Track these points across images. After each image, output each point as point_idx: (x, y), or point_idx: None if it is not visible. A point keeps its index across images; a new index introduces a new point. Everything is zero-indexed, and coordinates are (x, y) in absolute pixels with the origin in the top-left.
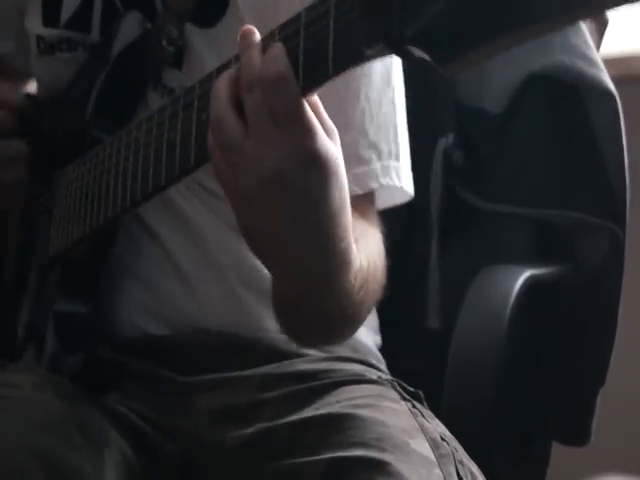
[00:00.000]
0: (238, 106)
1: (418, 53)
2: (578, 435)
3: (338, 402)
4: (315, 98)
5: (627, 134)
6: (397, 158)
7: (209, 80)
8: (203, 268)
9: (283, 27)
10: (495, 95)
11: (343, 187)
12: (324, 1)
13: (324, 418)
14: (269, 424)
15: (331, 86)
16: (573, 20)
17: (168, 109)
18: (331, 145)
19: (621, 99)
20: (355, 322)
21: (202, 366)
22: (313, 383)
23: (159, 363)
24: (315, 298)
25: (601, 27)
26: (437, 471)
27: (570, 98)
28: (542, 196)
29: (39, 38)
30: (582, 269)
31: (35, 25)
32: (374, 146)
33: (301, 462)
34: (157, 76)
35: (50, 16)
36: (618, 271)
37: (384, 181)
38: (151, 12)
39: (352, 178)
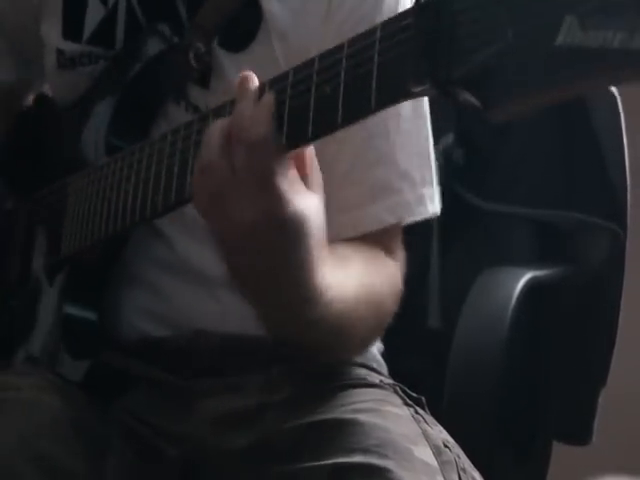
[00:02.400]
0: (230, 155)
1: (464, 96)
2: (580, 435)
3: (340, 406)
4: (308, 149)
5: (627, 134)
6: (431, 184)
7: (206, 119)
8: (208, 270)
9: (276, 80)
10: None
11: (313, 243)
12: (370, 33)
13: (326, 423)
14: (271, 428)
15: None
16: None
17: (181, 131)
18: (306, 207)
19: (621, 99)
20: (345, 344)
21: (204, 369)
22: (315, 387)
23: (161, 366)
24: (286, 326)
25: None
26: (440, 478)
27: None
28: (543, 196)
29: (59, 52)
30: (583, 270)
31: (53, 36)
32: (405, 176)
33: (303, 467)
34: (181, 91)
35: (72, 29)
36: (619, 271)
37: (418, 211)
38: (178, 27)
39: (385, 209)
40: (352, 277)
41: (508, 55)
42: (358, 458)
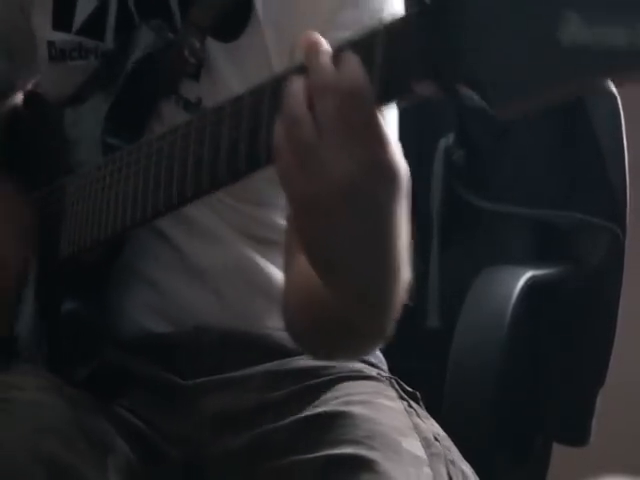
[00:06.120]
0: (317, 108)
1: (469, 94)
2: (578, 435)
3: (334, 399)
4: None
5: (627, 134)
6: None
7: (240, 100)
8: (209, 267)
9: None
10: None
11: (406, 202)
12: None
13: (319, 417)
14: (270, 426)
15: None
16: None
17: (194, 123)
18: (401, 158)
19: (621, 99)
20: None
21: (204, 365)
22: (313, 381)
23: (161, 362)
24: (363, 310)
25: None
26: (427, 470)
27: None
28: (543, 196)
29: (50, 44)
30: (582, 269)
31: (44, 28)
32: None
33: (297, 461)
34: (175, 87)
35: (62, 19)
36: (618, 271)
37: None
38: (170, 23)
39: None
40: None
41: (508, 49)
42: (347, 450)
